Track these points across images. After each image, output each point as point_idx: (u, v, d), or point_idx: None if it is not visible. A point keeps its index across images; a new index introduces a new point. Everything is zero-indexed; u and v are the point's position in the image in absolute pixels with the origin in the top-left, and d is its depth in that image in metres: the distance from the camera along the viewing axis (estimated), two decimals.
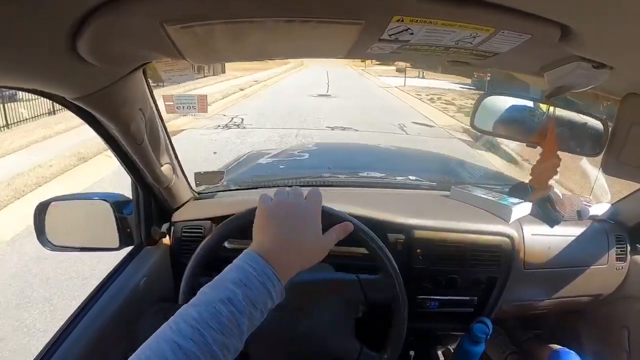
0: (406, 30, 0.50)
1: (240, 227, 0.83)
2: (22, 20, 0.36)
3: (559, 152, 0.85)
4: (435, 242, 1.11)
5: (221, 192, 1.35)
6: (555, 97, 0.81)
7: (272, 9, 0.44)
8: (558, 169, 0.84)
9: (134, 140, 0.79)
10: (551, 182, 1.11)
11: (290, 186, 1.38)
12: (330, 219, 0.75)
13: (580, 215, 1.32)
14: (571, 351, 1.26)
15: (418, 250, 1.10)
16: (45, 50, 0.44)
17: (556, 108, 0.88)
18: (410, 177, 1.44)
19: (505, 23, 0.48)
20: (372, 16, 0.46)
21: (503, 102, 0.88)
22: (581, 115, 0.91)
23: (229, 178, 1.55)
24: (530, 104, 0.87)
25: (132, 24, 0.44)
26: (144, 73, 0.79)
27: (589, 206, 1.37)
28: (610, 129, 0.80)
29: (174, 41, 0.48)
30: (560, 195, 1.32)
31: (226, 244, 1.17)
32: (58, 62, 0.47)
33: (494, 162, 6.08)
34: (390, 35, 0.51)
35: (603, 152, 0.81)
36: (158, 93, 0.93)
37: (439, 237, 1.11)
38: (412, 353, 1.31)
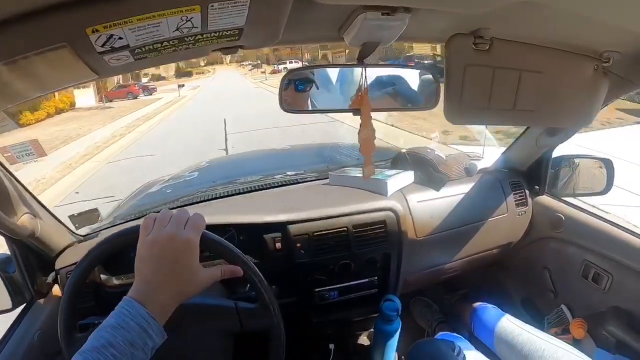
0: (111, 37, 0.45)
1: (88, 269, 0.76)
2: None
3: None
4: (313, 233, 1.07)
5: (106, 230, 1.27)
6: (366, 57, 0.78)
7: None
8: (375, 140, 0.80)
9: None
10: (433, 144, 1.10)
11: (177, 207, 1.34)
12: (213, 245, 0.72)
13: (469, 172, 1.31)
14: (488, 305, 1.25)
15: (298, 245, 1.07)
16: None
17: (382, 69, 0.86)
18: (289, 173, 1.41)
19: None
20: (69, 37, 0.42)
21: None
22: (409, 70, 0.89)
23: (117, 214, 1.47)
24: (349, 70, 0.84)
25: None
26: None
27: (478, 160, 1.37)
28: (443, 77, 0.76)
29: None
30: (443, 156, 1.31)
31: (114, 280, 1.09)
32: None
33: None
34: (103, 46, 0.46)
35: (443, 102, 0.77)
36: None
37: (315, 227, 1.08)
38: (332, 346, 1.26)
